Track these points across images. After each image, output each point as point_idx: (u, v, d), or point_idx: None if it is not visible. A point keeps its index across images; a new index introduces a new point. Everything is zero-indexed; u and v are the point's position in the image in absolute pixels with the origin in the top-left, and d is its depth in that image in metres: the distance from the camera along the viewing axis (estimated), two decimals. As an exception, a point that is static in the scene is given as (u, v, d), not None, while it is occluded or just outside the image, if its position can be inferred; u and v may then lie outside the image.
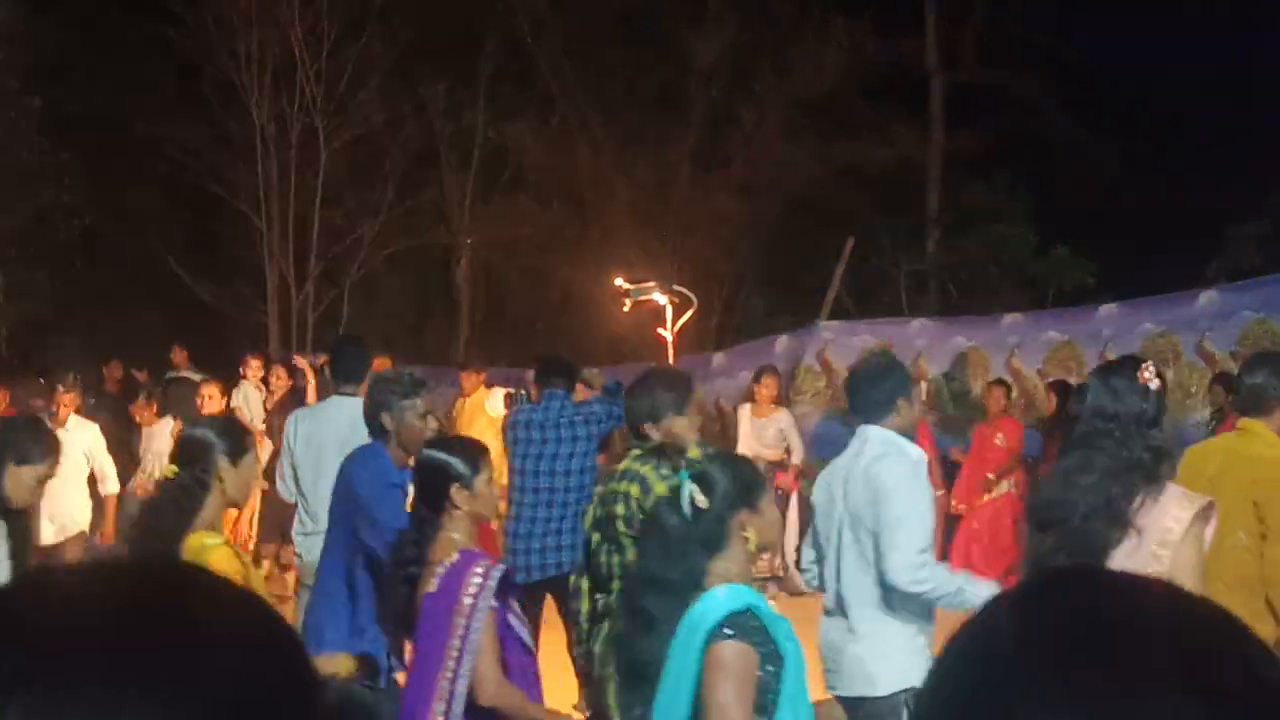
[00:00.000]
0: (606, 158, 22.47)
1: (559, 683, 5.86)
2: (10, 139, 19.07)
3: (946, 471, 11.58)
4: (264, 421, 10.78)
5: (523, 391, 7.60)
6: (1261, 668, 0.81)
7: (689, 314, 10.26)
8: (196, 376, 12.88)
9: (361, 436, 5.75)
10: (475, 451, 4.21)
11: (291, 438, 6.56)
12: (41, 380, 10.63)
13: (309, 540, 6.08)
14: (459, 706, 3.85)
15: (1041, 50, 21.72)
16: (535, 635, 5.36)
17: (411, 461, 4.74)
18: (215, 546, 3.89)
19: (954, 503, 11.48)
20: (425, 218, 22.66)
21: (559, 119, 22.88)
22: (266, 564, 10.00)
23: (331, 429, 6.19)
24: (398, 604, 4.09)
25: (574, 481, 7.02)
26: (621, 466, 4.80)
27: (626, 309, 10.25)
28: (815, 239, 20.29)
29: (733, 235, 22.47)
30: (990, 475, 11.44)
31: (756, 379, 11.86)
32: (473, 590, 3.87)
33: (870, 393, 4.74)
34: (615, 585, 4.64)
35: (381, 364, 7.62)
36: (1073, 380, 11.67)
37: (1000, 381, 12.19)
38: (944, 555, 9.49)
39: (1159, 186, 20.76)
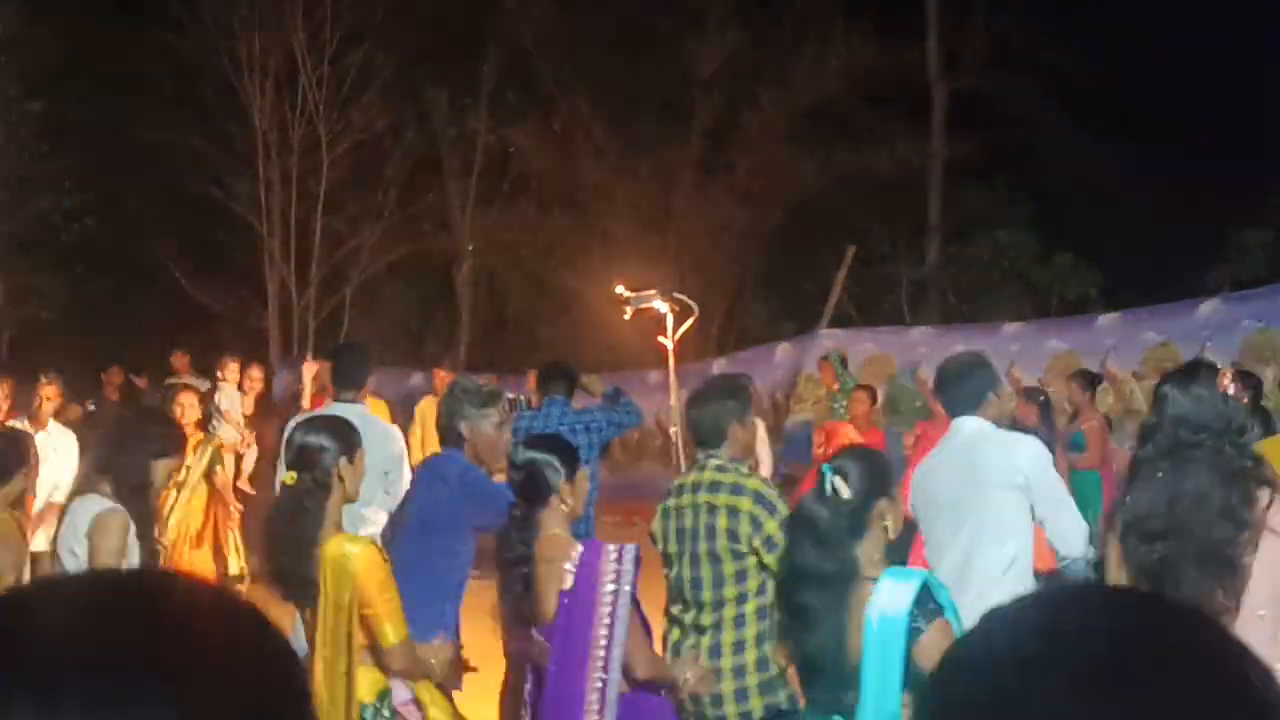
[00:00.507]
0: (608, 164, 22.49)
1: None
2: (11, 144, 19.08)
3: None
4: (246, 424, 10.73)
5: (522, 398, 7.57)
6: (1263, 686, 0.82)
7: (690, 321, 10.23)
8: (197, 382, 12.86)
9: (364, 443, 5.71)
10: (569, 447, 4.39)
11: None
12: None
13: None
14: (613, 692, 3.93)
15: (1043, 57, 21.71)
16: None
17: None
18: (360, 552, 3.91)
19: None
20: (427, 224, 22.69)
21: (561, 125, 22.88)
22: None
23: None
24: (513, 603, 4.20)
25: None
26: (705, 478, 4.63)
27: (627, 316, 10.20)
28: (817, 246, 20.28)
29: (734, 242, 22.48)
30: None
31: None
32: (611, 577, 3.95)
33: (961, 387, 4.85)
34: (696, 596, 4.56)
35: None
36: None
37: (865, 387, 12.01)
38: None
39: (1162, 194, 20.76)
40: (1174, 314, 13.25)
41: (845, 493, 3.55)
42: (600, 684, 3.90)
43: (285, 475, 4.19)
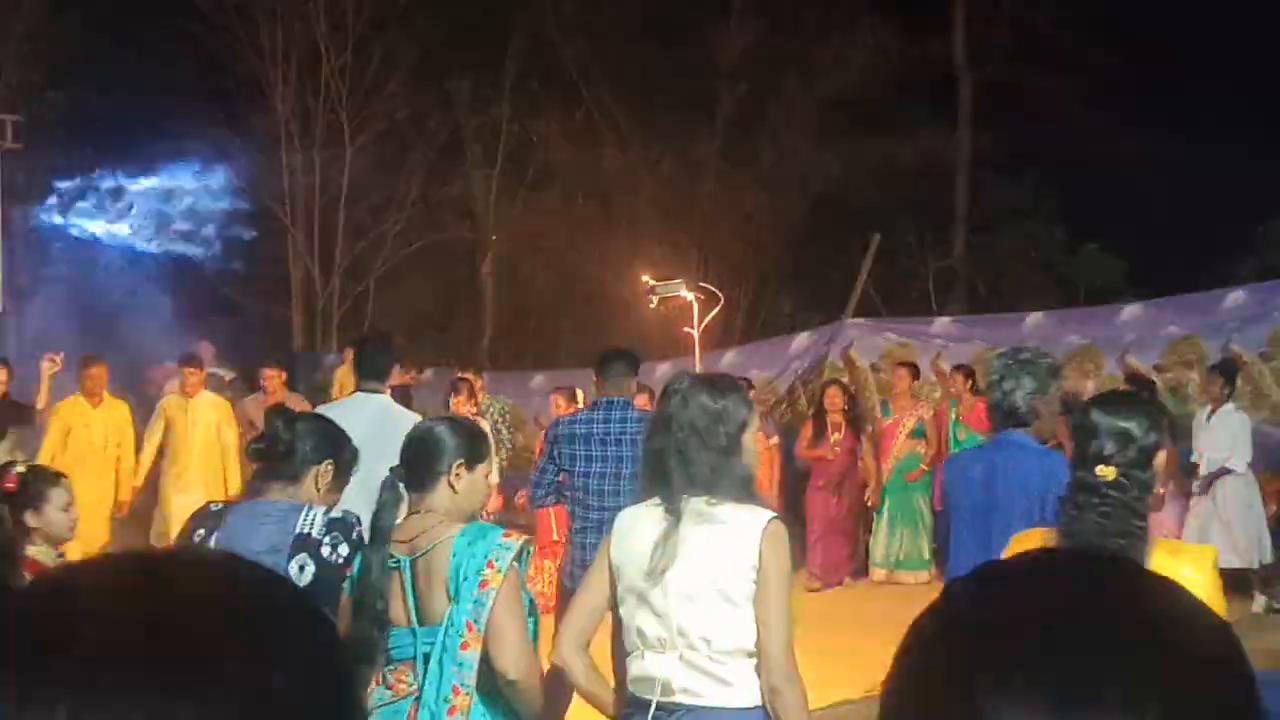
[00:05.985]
0: (633, 154, 22.43)
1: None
2: (32, 134, 19.09)
3: None
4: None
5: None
6: (1226, 653, 0.82)
7: (715, 311, 10.19)
8: (224, 372, 12.88)
9: (386, 433, 5.69)
10: None
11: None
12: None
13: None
14: None
15: (1070, 48, 21.58)
16: None
17: None
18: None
19: None
20: (450, 213, 22.67)
21: (585, 115, 22.83)
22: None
23: (355, 426, 6.12)
24: None
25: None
26: None
27: (653, 305, 10.15)
28: (842, 236, 20.22)
29: (759, 232, 22.40)
30: None
31: None
32: None
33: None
34: None
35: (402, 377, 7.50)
36: (1090, 384, 11.60)
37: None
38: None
39: (1190, 184, 20.62)
40: (1200, 305, 13.12)
41: None
42: None
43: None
